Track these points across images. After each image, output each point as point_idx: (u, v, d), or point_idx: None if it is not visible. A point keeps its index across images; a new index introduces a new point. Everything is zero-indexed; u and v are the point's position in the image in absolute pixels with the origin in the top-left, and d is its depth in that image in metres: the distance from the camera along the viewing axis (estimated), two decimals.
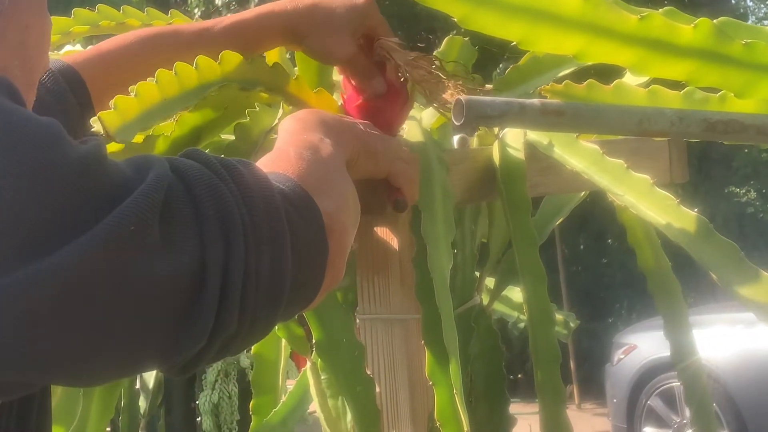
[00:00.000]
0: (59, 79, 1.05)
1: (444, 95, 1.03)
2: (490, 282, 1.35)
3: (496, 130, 1.16)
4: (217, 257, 0.59)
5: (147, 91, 0.95)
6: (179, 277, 0.58)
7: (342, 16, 1.07)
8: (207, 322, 0.59)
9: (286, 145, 0.79)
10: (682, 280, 1.29)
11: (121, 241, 0.54)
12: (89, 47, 1.16)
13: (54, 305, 0.53)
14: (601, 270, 9.51)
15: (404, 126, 1.15)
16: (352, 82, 1.11)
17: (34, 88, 0.78)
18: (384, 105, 1.09)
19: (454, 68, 1.09)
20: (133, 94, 0.94)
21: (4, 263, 0.51)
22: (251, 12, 1.11)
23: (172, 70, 0.97)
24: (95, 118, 0.94)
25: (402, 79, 1.10)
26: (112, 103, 0.93)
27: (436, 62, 1.08)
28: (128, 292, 0.55)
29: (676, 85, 1.00)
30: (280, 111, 1.12)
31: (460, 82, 1.03)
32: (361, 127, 0.92)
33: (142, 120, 0.95)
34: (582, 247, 9.65)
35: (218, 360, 0.68)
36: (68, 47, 1.37)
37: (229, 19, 1.10)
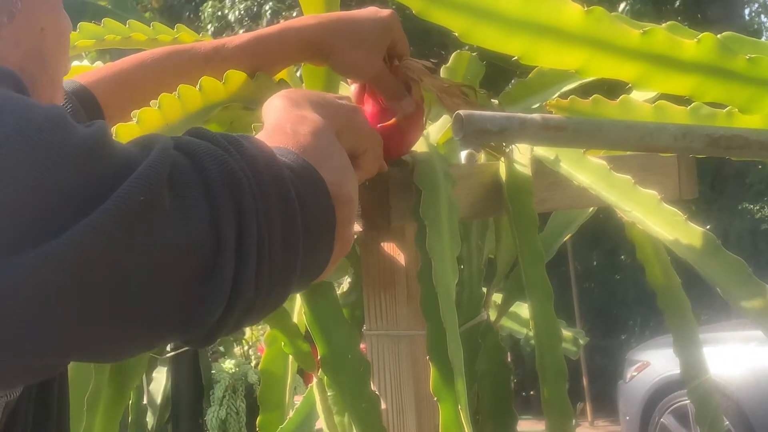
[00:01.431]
0: (72, 99, 1.04)
1: None
2: (497, 298, 1.34)
3: (503, 145, 1.16)
4: (229, 222, 0.60)
5: (149, 117, 0.94)
6: (194, 243, 0.59)
7: (368, 30, 1.06)
8: (225, 285, 0.60)
9: (281, 121, 0.79)
10: (695, 297, 1.28)
11: (131, 212, 0.55)
12: (102, 65, 1.16)
13: (68, 282, 0.53)
14: (614, 286, 9.48)
15: None
16: (380, 100, 1.09)
17: (60, 87, 0.80)
18: (406, 125, 1.08)
19: (482, 98, 1.09)
20: (135, 120, 0.94)
21: (17, 244, 0.52)
22: (272, 28, 1.09)
23: (194, 85, 0.97)
24: None
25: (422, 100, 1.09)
26: (113, 130, 0.92)
27: (467, 90, 1.07)
28: (143, 262, 0.56)
29: (683, 100, 0.99)
30: None
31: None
32: (342, 102, 0.91)
33: None
34: (595, 263, 9.63)
35: (238, 329, 0.68)
36: (75, 62, 1.37)
37: (247, 36, 1.08)
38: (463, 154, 1.23)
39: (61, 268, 0.53)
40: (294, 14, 8.93)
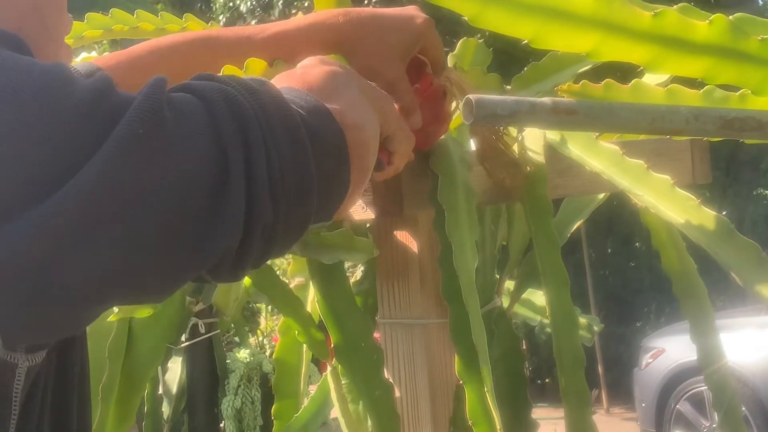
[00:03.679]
0: None
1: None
2: (510, 285, 1.34)
3: (515, 132, 1.15)
4: (235, 141, 0.61)
5: None
6: (201, 166, 0.59)
7: (396, 37, 1.03)
8: (238, 205, 0.60)
9: (297, 68, 0.80)
10: (711, 283, 1.28)
11: (132, 146, 0.56)
12: (116, 52, 1.15)
13: (83, 226, 0.54)
14: (628, 273, 9.46)
15: None
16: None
17: (63, 45, 0.79)
18: (424, 137, 1.07)
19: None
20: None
21: (31, 197, 0.53)
22: (299, 22, 1.06)
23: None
24: None
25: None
26: None
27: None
28: (153, 193, 0.57)
29: (695, 84, 0.99)
30: None
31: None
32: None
33: None
34: (609, 250, 9.61)
35: (266, 259, 0.68)
36: (84, 54, 1.37)
37: (273, 27, 1.05)
38: (473, 141, 1.23)
39: (74, 216, 0.53)
40: (306, 3, 8.92)
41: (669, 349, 5.83)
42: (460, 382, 1.05)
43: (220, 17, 9.73)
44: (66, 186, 0.53)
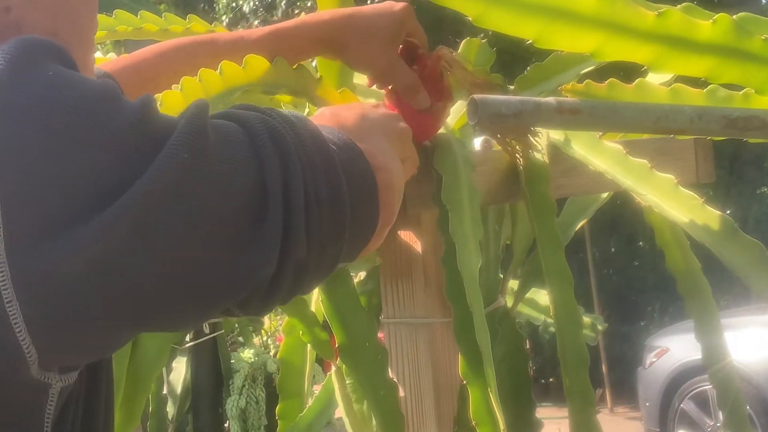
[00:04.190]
0: None
1: None
2: (514, 284, 1.34)
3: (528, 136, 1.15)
4: (275, 175, 0.62)
5: (172, 99, 0.95)
6: (241, 195, 0.60)
7: (381, 25, 1.07)
8: (275, 236, 0.61)
9: (325, 112, 0.82)
10: (714, 282, 1.28)
11: (177, 171, 0.57)
12: (122, 56, 1.16)
13: (126, 248, 0.55)
14: (632, 273, 9.44)
15: None
16: (398, 92, 1.09)
17: (92, 48, 0.80)
18: (427, 119, 1.09)
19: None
20: (158, 103, 0.95)
21: (80, 214, 0.54)
22: (288, 22, 1.11)
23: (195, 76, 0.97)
24: None
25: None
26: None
27: (497, 86, 1.08)
28: (192, 218, 0.58)
29: (699, 84, 0.99)
30: (306, 110, 1.13)
31: None
32: (384, 111, 0.92)
33: None
34: (613, 249, 9.59)
35: (294, 295, 0.69)
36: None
37: (266, 29, 1.09)
38: (478, 140, 1.23)
39: (119, 236, 0.54)
40: (309, 3, 8.93)
41: (673, 349, 5.82)
42: (464, 382, 1.05)
43: (223, 17, 9.73)
44: (109, 209, 0.54)
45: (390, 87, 1.11)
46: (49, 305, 0.54)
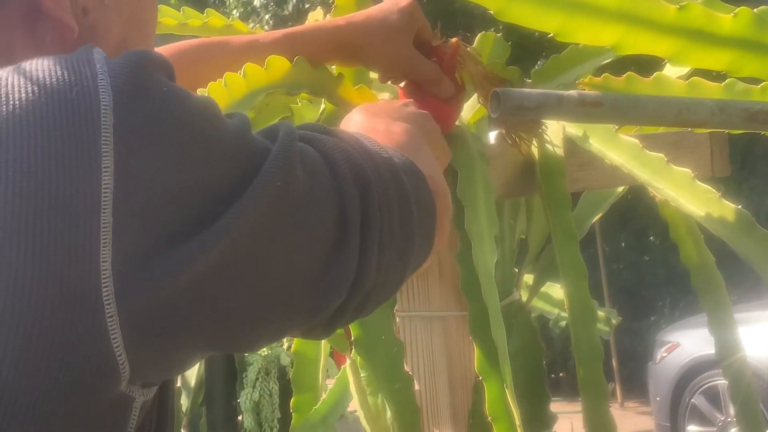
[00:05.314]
0: None
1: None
2: (528, 278, 1.34)
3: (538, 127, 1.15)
4: (354, 211, 0.63)
5: None
6: (324, 226, 0.62)
7: (394, 21, 1.07)
8: (350, 269, 0.63)
9: (371, 124, 0.81)
10: (726, 277, 1.27)
11: (273, 197, 0.58)
12: None
13: (219, 269, 0.55)
14: (643, 268, 9.42)
15: None
16: (423, 87, 1.09)
17: (151, 45, 0.81)
18: (448, 109, 1.09)
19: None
20: None
21: (181, 233, 0.54)
22: (304, 26, 1.12)
23: (220, 79, 0.98)
24: None
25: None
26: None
27: (507, 80, 1.08)
28: (282, 245, 0.59)
29: (716, 77, 0.99)
30: (322, 106, 1.13)
31: None
32: (416, 110, 0.91)
33: None
34: (623, 244, 9.57)
35: (354, 319, 0.70)
36: None
37: (281, 32, 1.10)
38: (492, 134, 1.23)
39: (214, 260, 0.55)
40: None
41: (684, 344, 5.80)
42: (479, 377, 1.05)
43: (234, 12, 9.73)
44: (208, 230, 0.55)
45: (405, 83, 1.11)
46: (147, 322, 0.54)
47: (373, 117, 0.84)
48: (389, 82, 1.13)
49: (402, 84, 1.11)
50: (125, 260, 0.52)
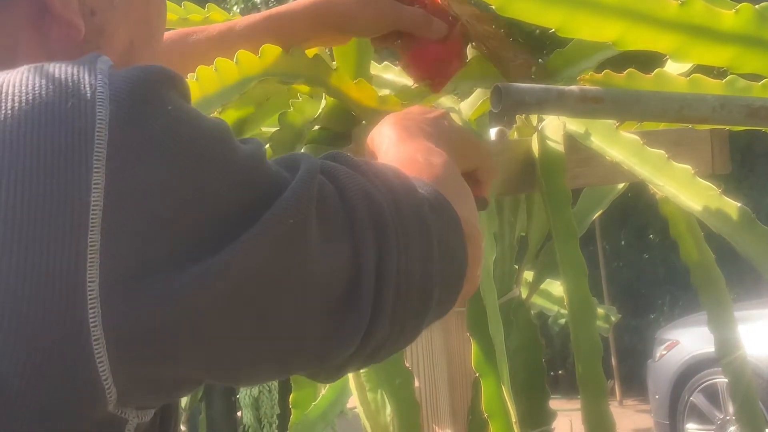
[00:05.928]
0: None
1: (505, 53, 1.03)
2: (528, 275, 1.34)
3: (534, 121, 1.15)
4: (370, 257, 0.60)
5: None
6: (337, 273, 0.58)
7: None
8: (363, 318, 0.60)
9: (410, 151, 0.77)
10: (726, 274, 1.27)
11: (282, 236, 0.55)
12: None
13: (222, 301, 0.53)
14: (642, 266, 9.42)
15: None
16: (417, 37, 1.10)
17: (158, 46, 0.79)
18: (451, 47, 1.10)
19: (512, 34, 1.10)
20: None
21: (178, 261, 0.52)
22: (282, 6, 1.10)
23: (210, 65, 0.97)
24: None
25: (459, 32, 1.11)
26: None
27: (497, 23, 1.08)
28: (288, 288, 0.56)
29: (717, 74, 0.99)
30: (323, 101, 1.13)
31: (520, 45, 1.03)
32: (448, 124, 0.87)
33: None
34: (623, 242, 9.57)
35: (364, 367, 0.67)
36: None
37: (259, 14, 1.09)
38: (493, 131, 1.23)
39: (216, 292, 0.52)
40: None
41: (683, 341, 5.80)
42: (477, 375, 1.05)
43: (235, 7, 9.72)
44: (208, 261, 0.52)
45: (401, 40, 1.11)
46: (134, 348, 0.52)
47: (408, 137, 0.79)
48: (386, 47, 1.14)
49: (398, 42, 1.12)
50: (114, 282, 0.50)
